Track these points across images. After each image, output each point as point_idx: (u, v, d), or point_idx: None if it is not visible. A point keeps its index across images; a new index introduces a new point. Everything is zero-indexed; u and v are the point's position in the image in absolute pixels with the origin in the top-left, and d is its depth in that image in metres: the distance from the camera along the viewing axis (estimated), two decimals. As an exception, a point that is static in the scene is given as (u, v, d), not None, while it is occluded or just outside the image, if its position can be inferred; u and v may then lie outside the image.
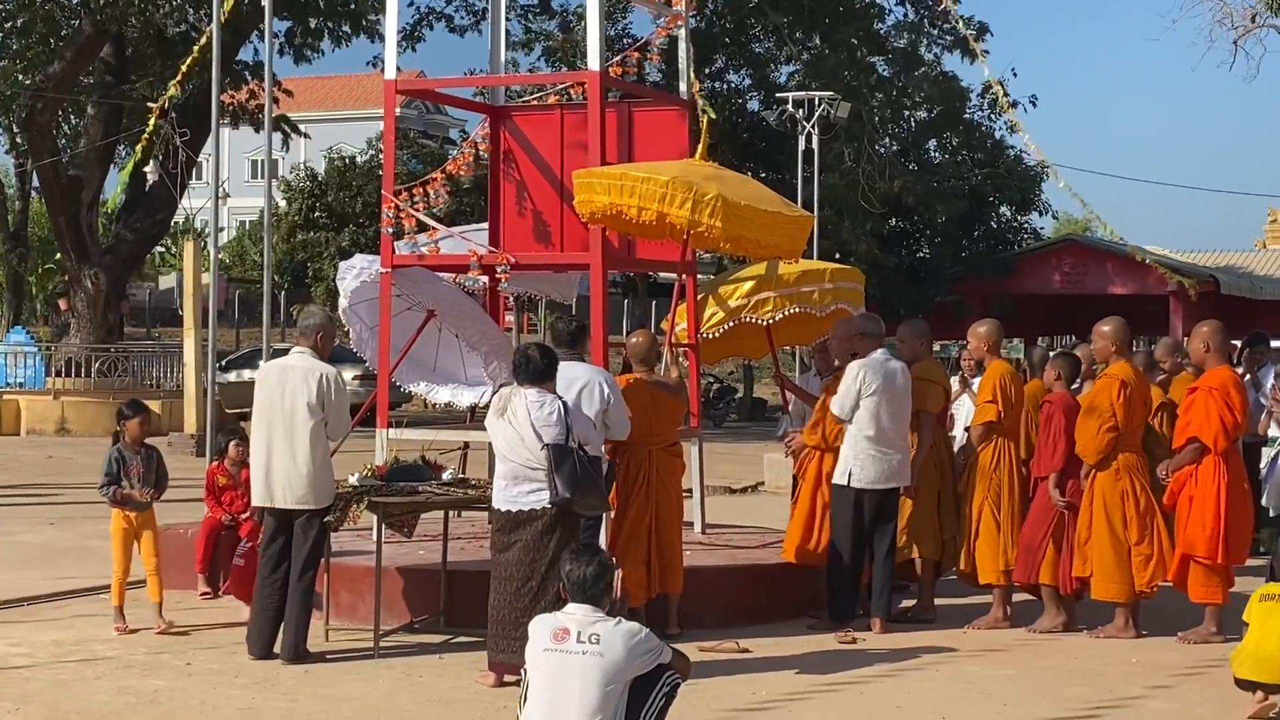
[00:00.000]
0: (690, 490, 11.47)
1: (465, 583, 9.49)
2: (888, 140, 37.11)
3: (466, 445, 11.54)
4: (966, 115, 37.97)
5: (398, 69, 11.60)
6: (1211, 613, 9.72)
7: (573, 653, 5.96)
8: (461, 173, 11.43)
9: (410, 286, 11.33)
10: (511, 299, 13.62)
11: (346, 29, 32.58)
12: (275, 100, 27.66)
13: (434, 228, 11.07)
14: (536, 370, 8.23)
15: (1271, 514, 11.16)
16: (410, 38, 34.21)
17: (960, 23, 24.07)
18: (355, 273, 11.77)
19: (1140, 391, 9.97)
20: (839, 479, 9.94)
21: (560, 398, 8.27)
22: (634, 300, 40.24)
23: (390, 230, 10.78)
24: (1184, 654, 9.42)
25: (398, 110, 11.60)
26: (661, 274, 23.19)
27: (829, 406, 10.21)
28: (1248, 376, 13.24)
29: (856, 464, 9.85)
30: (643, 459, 9.62)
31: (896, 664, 9.04)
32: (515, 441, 8.16)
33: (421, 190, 10.85)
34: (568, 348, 9.02)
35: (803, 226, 10.69)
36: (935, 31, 36.05)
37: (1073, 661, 9.18)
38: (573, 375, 8.77)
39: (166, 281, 60.19)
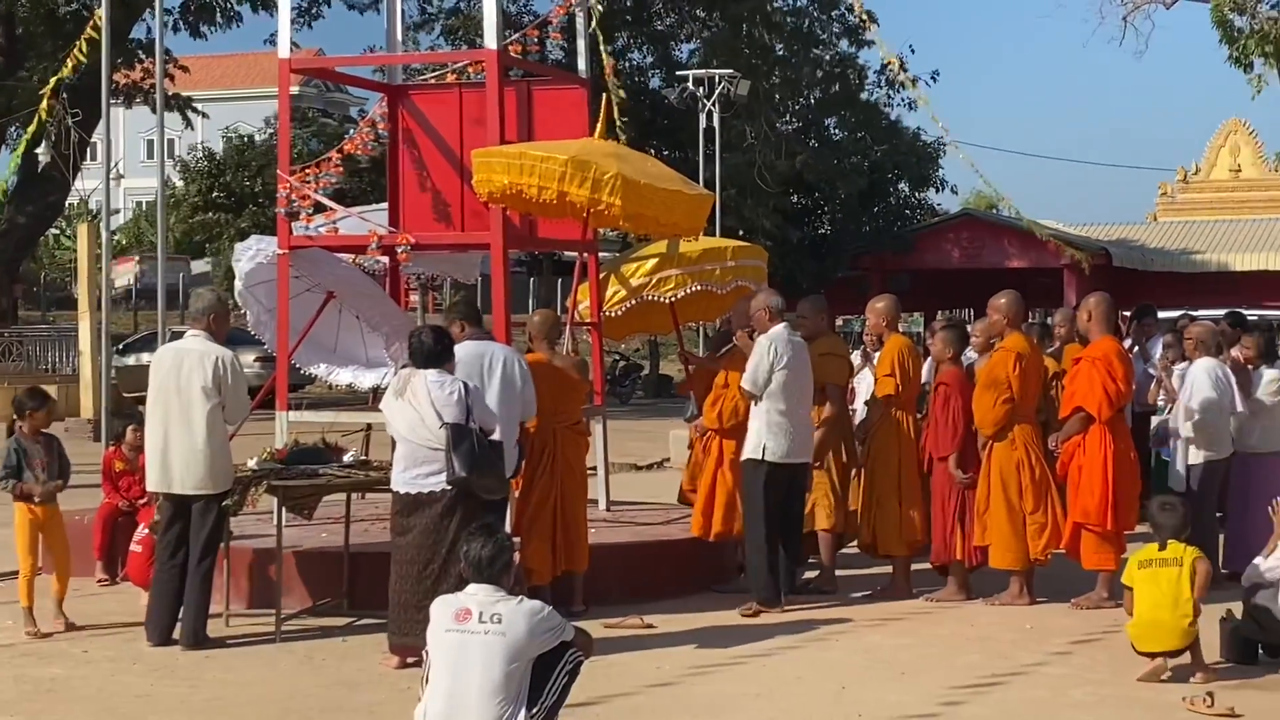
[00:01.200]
0: (595, 468, 11.49)
1: (368, 565, 9.45)
2: (788, 117, 37.29)
3: (369, 427, 11.47)
4: (864, 94, 38.22)
5: (295, 46, 11.49)
6: (1104, 579, 9.89)
7: (475, 633, 5.98)
8: (359, 152, 11.35)
9: (309, 268, 11.23)
10: (413, 280, 13.55)
11: (242, 8, 32.19)
12: (170, 78, 27.29)
13: (332, 208, 10.98)
14: (429, 353, 8.19)
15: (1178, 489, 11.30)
16: (307, 14, 33.83)
17: (853, 11, 24.18)
18: (251, 254, 11.64)
19: (1034, 363, 10.13)
20: (751, 454, 9.81)
21: (461, 379, 8.24)
22: (539, 279, 40.16)
23: (285, 211, 10.68)
24: (1078, 619, 9.59)
25: (296, 89, 11.51)
26: (567, 252, 23.16)
27: (728, 384, 10.25)
28: (1136, 348, 13.48)
29: (770, 437, 9.75)
30: (547, 438, 9.63)
31: (798, 636, 9.13)
32: (415, 422, 8.12)
33: (317, 170, 10.75)
34: (477, 325, 8.99)
35: (703, 204, 10.73)
36: (825, 18, 36.27)
37: (969, 629, 9.32)
38: (490, 352, 8.76)
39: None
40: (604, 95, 11.70)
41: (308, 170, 10.79)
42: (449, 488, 8.06)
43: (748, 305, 10.47)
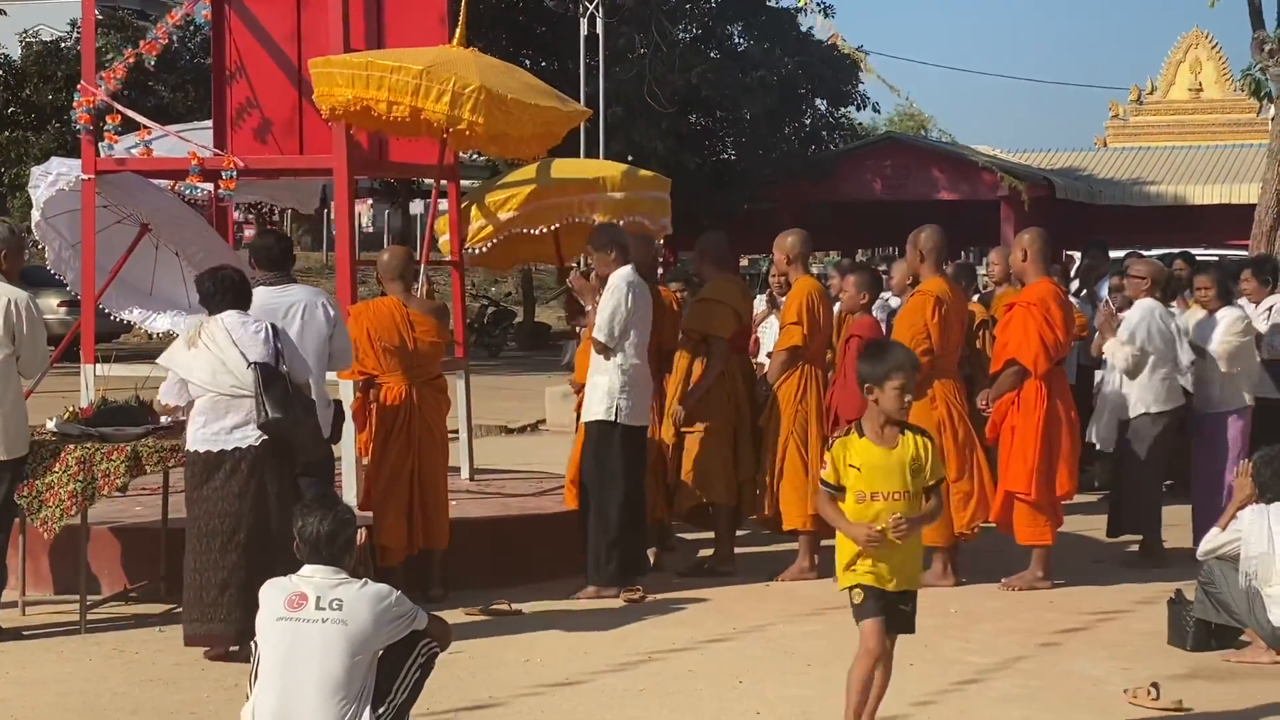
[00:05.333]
0: (457, 431, 11.49)
1: (189, 543, 9.37)
2: (685, 24, 37.15)
3: (190, 382, 11.36)
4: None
5: (100, -66, 11.29)
6: (1038, 555, 10.07)
7: (311, 621, 5.97)
8: (151, 52, 11.16)
9: (119, 196, 11.11)
10: (241, 211, 13.45)
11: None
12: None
13: (146, 126, 10.83)
14: (225, 295, 8.22)
15: (1098, 448, 11.55)
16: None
17: None
18: (50, 180, 11.48)
19: (956, 309, 10.23)
20: (603, 415, 9.86)
21: (265, 320, 8.26)
22: (393, 211, 39.87)
23: (86, 128, 10.53)
24: (1007, 602, 9.76)
25: (105, -15, 11.31)
26: (426, 179, 23.07)
27: None
28: (1085, 291, 13.67)
29: (624, 396, 9.84)
30: (401, 394, 9.61)
31: (690, 622, 9.21)
32: (216, 367, 8.11)
33: (112, 77, 10.60)
34: (276, 269, 8.89)
35: (573, 121, 10.75)
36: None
37: (886, 614, 9.43)
38: (289, 300, 8.71)
39: None
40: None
41: (102, 77, 10.63)
42: (256, 445, 8.05)
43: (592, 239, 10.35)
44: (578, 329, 11.73)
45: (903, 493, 6.55)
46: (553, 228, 11.89)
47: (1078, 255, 16.12)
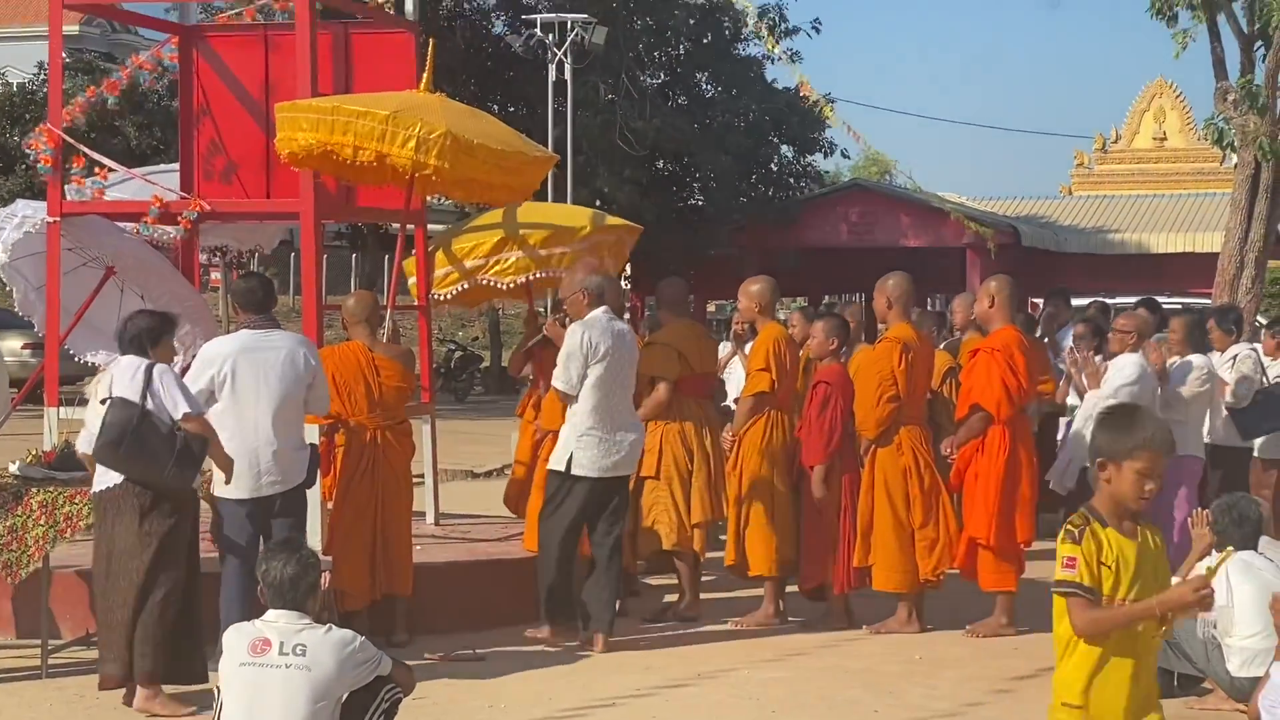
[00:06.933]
0: (422, 475, 11.47)
1: (153, 587, 9.32)
2: (653, 70, 37.29)
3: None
4: (739, 47, 38.35)
5: (70, -21, 11.29)
6: (1002, 602, 10.08)
7: (275, 666, 5.97)
8: (113, 93, 11.18)
9: (84, 238, 11.10)
10: (211, 255, 13.43)
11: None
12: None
13: (110, 168, 10.83)
14: (136, 343, 8.28)
15: (1052, 487, 11.53)
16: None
17: None
18: (16, 222, 11.45)
19: (923, 356, 10.28)
20: (556, 464, 9.68)
21: (151, 362, 8.29)
22: (363, 256, 39.81)
23: (46, 169, 10.55)
24: (972, 649, 9.77)
25: (74, 28, 11.39)
26: (395, 224, 23.07)
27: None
28: (1047, 339, 13.72)
29: (579, 447, 9.58)
30: (366, 439, 9.59)
31: (655, 667, 9.20)
32: (94, 414, 8.24)
33: (70, 117, 10.63)
34: (259, 312, 8.88)
35: (543, 167, 10.76)
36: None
37: (850, 661, 9.45)
38: (272, 344, 8.69)
39: None
40: (431, 41, 11.66)
41: (66, 113, 10.65)
42: (117, 484, 8.11)
43: (565, 285, 10.34)
44: (528, 377, 11.76)
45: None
46: (515, 282, 11.85)
47: (1042, 303, 16.20)
